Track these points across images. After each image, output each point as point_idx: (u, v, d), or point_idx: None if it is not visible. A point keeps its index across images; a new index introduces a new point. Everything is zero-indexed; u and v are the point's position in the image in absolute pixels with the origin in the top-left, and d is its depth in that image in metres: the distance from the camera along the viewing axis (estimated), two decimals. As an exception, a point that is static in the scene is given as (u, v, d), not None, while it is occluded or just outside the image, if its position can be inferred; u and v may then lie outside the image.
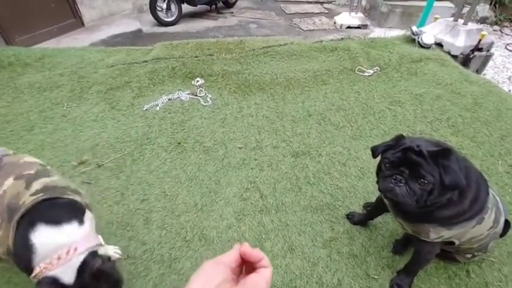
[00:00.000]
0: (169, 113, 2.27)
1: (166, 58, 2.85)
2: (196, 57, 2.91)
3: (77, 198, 1.01)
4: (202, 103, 2.38)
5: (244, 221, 1.57)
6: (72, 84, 2.51)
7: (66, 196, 0.97)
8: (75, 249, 0.89)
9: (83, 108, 2.29)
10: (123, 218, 1.55)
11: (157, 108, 2.31)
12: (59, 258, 0.86)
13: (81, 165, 1.82)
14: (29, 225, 0.88)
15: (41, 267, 0.85)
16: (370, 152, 1.12)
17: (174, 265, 1.38)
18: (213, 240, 1.47)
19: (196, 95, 2.45)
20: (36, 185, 0.95)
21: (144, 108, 2.30)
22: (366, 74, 2.77)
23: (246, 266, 0.43)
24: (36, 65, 2.72)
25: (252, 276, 0.40)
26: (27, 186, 0.94)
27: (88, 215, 1.01)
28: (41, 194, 0.92)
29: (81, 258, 0.89)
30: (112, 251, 1.36)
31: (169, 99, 2.40)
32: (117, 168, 1.82)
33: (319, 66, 2.86)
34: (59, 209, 0.94)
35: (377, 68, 2.84)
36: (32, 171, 1.00)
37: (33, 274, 0.86)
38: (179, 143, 2.01)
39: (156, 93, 2.47)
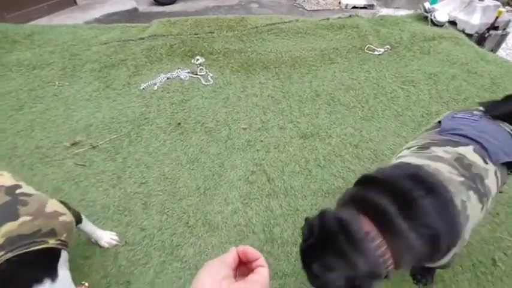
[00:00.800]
0: (167, 92, 2.13)
1: (164, 35, 2.67)
2: (196, 34, 2.73)
3: (49, 240, 0.83)
4: (203, 82, 2.23)
5: (250, 205, 1.46)
6: (64, 62, 2.34)
7: (32, 248, 0.78)
8: None
9: (76, 87, 2.13)
10: (120, 203, 1.44)
11: (155, 87, 2.17)
12: None
13: (74, 147, 1.69)
14: None
15: None
16: (383, 135, 1.02)
17: (176, 252, 1.28)
18: (217, 226, 1.37)
19: (196, 74, 2.30)
20: None
21: (141, 88, 2.16)
22: (376, 52, 2.61)
23: (242, 269, 0.46)
24: (25, 42, 2.54)
25: (252, 275, 0.43)
26: None
27: (63, 258, 0.87)
28: (2, 253, 0.75)
29: None
30: (108, 237, 1.26)
31: (167, 78, 2.25)
32: (113, 149, 1.70)
33: (327, 44, 2.70)
34: (26, 270, 0.77)
35: (388, 46, 2.68)
36: None
37: None
38: (179, 123, 1.88)
39: (154, 71, 2.31)
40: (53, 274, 0.81)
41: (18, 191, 0.88)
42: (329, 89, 2.20)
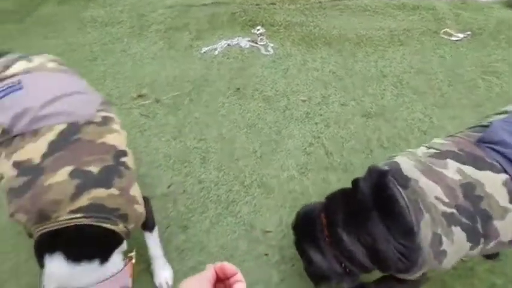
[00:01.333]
0: (227, 58, 2.13)
1: (226, 3, 2.66)
2: (258, 5, 2.68)
3: (119, 224, 0.79)
4: (263, 52, 2.19)
5: (307, 175, 1.42)
6: (132, 22, 2.44)
7: (104, 224, 0.75)
8: None
9: (142, 45, 2.22)
10: (180, 154, 1.49)
11: (216, 52, 2.17)
12: None
13: (140, 98, 1.78)
14: (48, 247, 0.74)
15: None
16: (457, 124, 0.91)
17: (231, 207, 1.29)
18: (273, 189, 1.36)
19: (256, 43, 2.26)
20: (84, 199, 0.73)
21: (202, 51, 2.18)
22: (453, 38, 2.35)
23: (219, 286, 0.45)
24: (98, 0, 2.69)
25: None
26: (74, 197, 0.73)
27: (121, 247, 0.83)
28: (79, 215, 0.73)
29: None
30: (164, 277, 1.08)
31: (228, 45, 2.24)
32: (175, 105, 1.75)
33: (397, 25, 2.48)
34: (88, 242, 0.76)
35: (468, 32, 2.39)
36: (96, 169, 0.77)
37: None
38: (238, 88, 1.87)
39: (215, 37, 2.31)
40: (105, 257, 0.77)
41: (122, 159, 0.83)
42: (396, 71, 2.03)
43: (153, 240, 1.04)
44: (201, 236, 1.20)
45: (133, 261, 0.85)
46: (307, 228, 0.94)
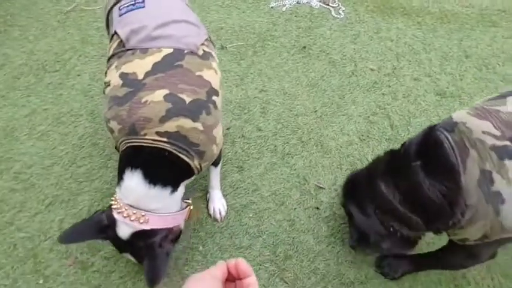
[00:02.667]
0: (295, 16, 2.03)
1: (300, -41, 2.49)
2: (333, -35, 2.47)
3: (195, 159, 0.79)
4: (334, 14, 2.05)
5: (368, 143, 1.36)
6: (202, -32, 2.39)
7: (183, 156, 0.76)
8: (146, 220, 0.76)
9: (211, -8, 2.19)
10: (241, 101, 1.49)
11: (284, 8, 2.08)
12: (127, 216, 0.76)
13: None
14: (132, 162, 0.77)
15: (114, 204, 0.78)
16: None
17: (287, 159, 1.29)
18: (330, 150, 1.33)
19: (328, 5, 2.12)
20: (171, 125, 0.74)
21: (270, 6, 2.10)
22: (559, 26, 2.01)
23: (229, 286, 0.39)
24: None
25: None
26: (163, 119, 0.73)
27: (190, 179, 0.85)
28: (164, 139, 0.74)
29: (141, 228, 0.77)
30: (218, 205, 1.13)
31: (297, 2, 2.13)
32: (239, 54, 1.73)
33: (490, 3, 2.18)
34: (165, 168, 0.78)
35: None
36: (189, 99, 0.76)
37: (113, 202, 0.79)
38: (304, 47, 1.80)
39: (285, -7, 2.20)
40: (176, 187, 0.81)
41: (213, 98, 0.81)
42: (483, 54, 1.81)
43: (215, 174, 1.08)
44: (255, 179, 1.23)
45: (191, 207, 0.90)
46: (352, 186, 0.95)
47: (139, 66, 0.77)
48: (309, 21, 2.00)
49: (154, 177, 0.76)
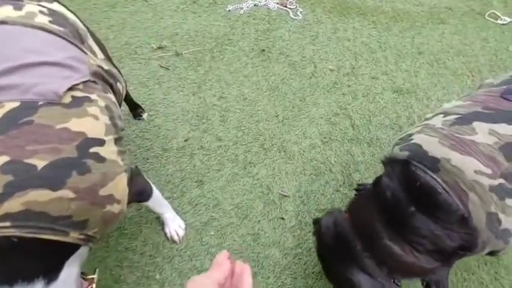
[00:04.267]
0: (253, 18, 1.99)
1: (256, -39, 2.46)
2: (289, -33, 2.48)
3: (70, 233, 0.58)
4: (292, 16, 2.04)
5: (330, 145, 1.35)
6: (155, -29, 2.28)
7: (45, 236, 0.55)
8: None
9: (164, -4, 2.08)
10: (199, 110, 1.41)
11: (242, 11, 2.03)
12: None
13: (159, 50, 1.68)
14: None
15: None
16: None
17: (250, 168, 1.24)
18: (293, 155, 1.29)
19: (285, 6, 2.11)
20: (13, 204, 0.52)
21: (228, 9, 2.04)
22: (499, 21, 2.16)
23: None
24: None
25: None
26: (1, 198, 0.52)
27: (78, 254, 0.62)
28: (7, 224, 0.52)
29: None
30: (174, 228, 1.03)
31: (255, 5, 2.09)
32: (196, 61, 1.65)
33: (437, 1, 2.29)
34: (24, 257, 0.55)
35: (516, 17, 2.19)
36: (42, 163, 0.55)
37: None
38: (263, 50, 1.76)
39: (242, -4, 2.16)
40: (52, 273, 0.58)
41: (92, 150, 0.61)
42: (434, 50, 1.89)
43: (153, 205, 0.94)
44: (216, 193, 1.16)
45: (94, 286, 0.67)
46: (341, 247, 0.77)
47: None
48: (267, 24, 1.97)
49: (8, 274, 0.53)
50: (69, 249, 0.60)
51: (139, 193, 0.81)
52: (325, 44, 1.86)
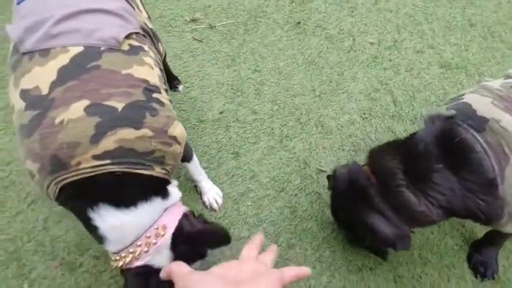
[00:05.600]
0: (288, -11, 1.89)
1: None
2: None
3: (155, 168, 0.64)
4: (329, -14, 1.91)
5: (370, 121, 1.28)
6: None
7: (139, 170, 0.61)
8: (164, 228, 0.63)
9: (196, -32, 2.03)
10: (233, 83, 1.39)
11: (275, -18, 1.93)
12: (147, 244, 0.61)
13: (193, 22, 1.65)
14: (89, 203, 0.59)
15: (124, 258, 0.61)
16: None
17: (286, 142, 1.21)
18: (331, 131, 1.25)
19: (322, -24, 1.98)
20: (108, 142, 0.57)
21: (261, -20, 1.94)
22: None
23: None
24: None
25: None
26: (95, 139, 0.56)
27: (172, 187, 0.70)
28: (107, 161, 0.57)
29: (169, 234, 0.64)
30: (213, 195, 1.05)
31: (289, -25, 1.98)
32: (229, 33, 1.61)
33: (494, -31, 2.04)
34: (131, 187, 0.61)
35: None
36: (121, 104, 0.59)
37: (113, 264, 0.64)
38: (298, 22, 1.68)
39: (275, -34, 2.05)
40: (161, 192, 0.66)
41: (155, 95, 0.65)
42: (489, 22, 1.71)
43: (193, 169, 0.98)
44: (252, 165, 1.15)
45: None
46: (357, 191, 0.77)
47: (40, 77, 0.57)
48: (302, -5, 1.87)
49: (126, 199, 0.60)
50: (160, 181, 0.67)
51: (186, 150, 0.84)
52: (365, 16, 1.74)
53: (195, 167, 0.98)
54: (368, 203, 0.75)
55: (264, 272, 0.31)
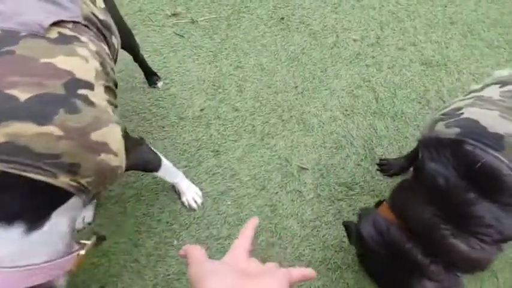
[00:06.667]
0: (272, -15, 1.86)
1: None
2: None
3: (59, 176, 0.51)
4: (313, -18, 1.90)
5: (352, 118, 1.28)
6: None
7: (28, 173, 0.48)
8: None
9: (178, -40, 1.97)
10: (215, 79, 1.36)
11: (259, -23, 1.90)
12: None
13: (174, 17, 1.60)
14: None
15: None
16: None
17: (267, 140, 1.20)
18: (313, 128, 1.24)
19: (306, -28, 1.96)
20: None
21: (244, -26, 1.91)
22: (543, -11, 1.95)
23: None
24: None
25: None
26: None
27: (69, 205, 0.55)
28: None
29: None
30: (192, 195, 1.00)
31: (273, -30, 1.95)
32: (211, 28, 1.57)
33: (475, -32, 2.08)
34: (8, 198, 0.48)
35: (562, -15, 1.97)
36: (27, 95, 0.50)
37: None
38: (282, 18, 1.66)
39: (259, -40, 2.02)
40: (35, 219, 0.50)
41: (81, 92, 0.56)
42: (468, 20, 1.73)
43: (163, 175, 0.91)
44: (233, 163, 1.13)
45: (83, 252, 0.56)
46: (396, 258, 0.66)
47: None
48: (286, -9, 1.84)
49: None
50: (60, 197, 0.54)
51: (145, 162, 0.79)
52: (349, 12, 1.74)
53: (168, 173, 0.92)
54: (415, 268, 0.64)
55: (273, 269, 0.31)
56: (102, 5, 0.76)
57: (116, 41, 0.78)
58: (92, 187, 0.57)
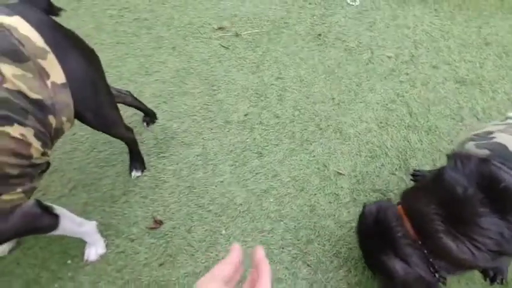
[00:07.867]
0: (309, 3, 2.00)
1: None
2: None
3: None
4: (348, 1, 2.01)
5: (386, 129, 1.35)
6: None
7: None
8: None
9: (223, -21, 2.15)
10: (258, 88, 1.48)
11: (298, -4, 2.04)
12: None
13: (220, 30, 1.76)
14: None
15: None
16: None
17: (306, 145, 1.29)
18: (349, 137, 1.32)
19: (342, -8, 2.08)
20: None
21: (284, -7, 2.06)
22: None
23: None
24: None
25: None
26: None
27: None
28: None
29: None
30: (95, 253, 0.96)
31: (311, -10, 2.09)
32: (254, 42, 1.71)
33: (510, -10, 2.12)
34: None
35: None
36: None
37: None
38: (319, 34, 1.77)
39: (298, -20, 2.17)
40: None
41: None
42: (504, 41, 1.77)
43: (62, 233, 0.84)
44: (275, 165, 1.23)
45: None
46: (380, 232, 0.76)
47: None
48: (323, 9, 1.97)
49: None
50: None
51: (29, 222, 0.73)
52: (383, 31, 1.83)
53: (68, 232, 0.86)
54: (391, 245, 0.73)
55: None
56: (60, 81, 0.69)
57: (54, 120, 0.71)
58: None
